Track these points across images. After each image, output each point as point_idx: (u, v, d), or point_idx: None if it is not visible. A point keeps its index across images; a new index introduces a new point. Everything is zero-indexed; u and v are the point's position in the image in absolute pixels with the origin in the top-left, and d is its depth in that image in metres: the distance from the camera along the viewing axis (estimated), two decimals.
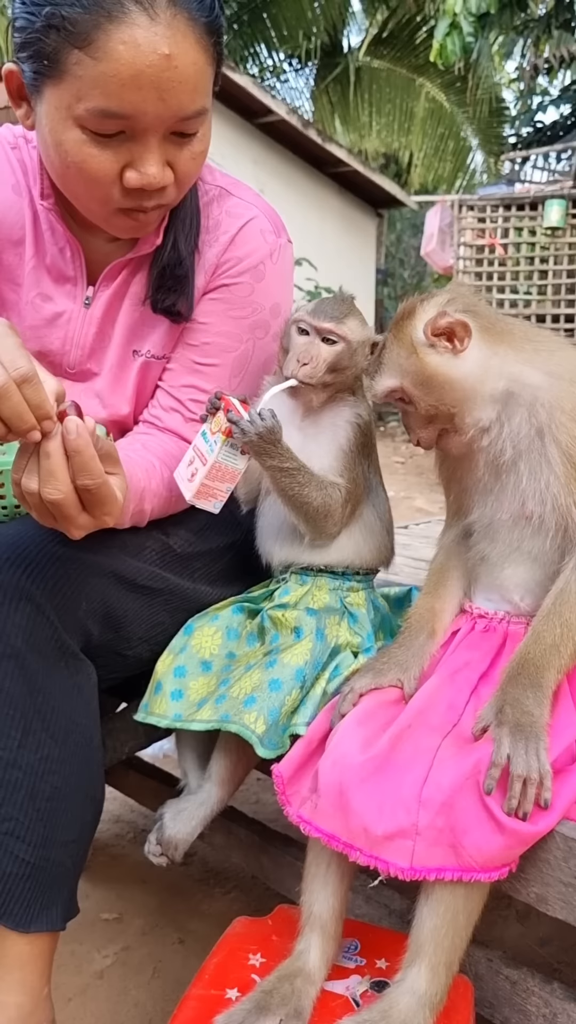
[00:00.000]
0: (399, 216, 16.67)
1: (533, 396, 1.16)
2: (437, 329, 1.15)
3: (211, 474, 1.26)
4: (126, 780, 1.85)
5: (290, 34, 13.42)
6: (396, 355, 1.19)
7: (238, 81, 8.68)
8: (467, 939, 1.08)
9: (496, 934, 1.74)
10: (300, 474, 1.30)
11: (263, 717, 1.24)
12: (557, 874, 1.06)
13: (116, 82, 1.13)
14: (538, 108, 14.98)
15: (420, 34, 13.37)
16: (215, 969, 1.18)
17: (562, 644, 1.10)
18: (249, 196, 1.51)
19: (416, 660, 1.23)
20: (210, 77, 1.23)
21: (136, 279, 1.47)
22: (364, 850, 1.05)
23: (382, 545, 1.43)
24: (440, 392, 1.17)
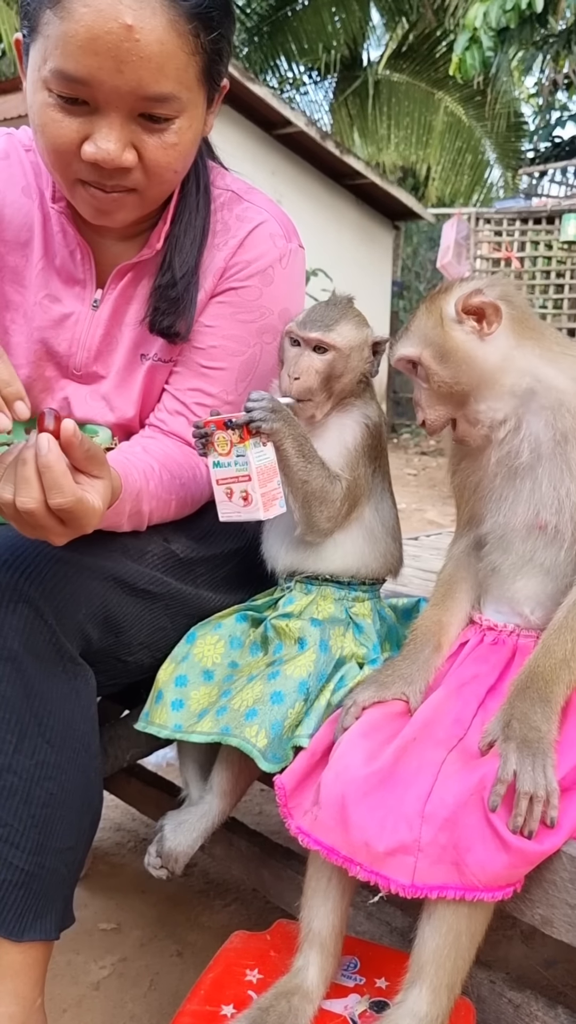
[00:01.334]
0: (415, 229, 16.70)
1: (558, 400, 1.14)
2: (468, 307, 1.15)
3: (261, 481, 1.24)
4: (128, 788, 1.83)
5: (310, 47, 13.51)
6: (423, 324, 1.19)
7: (257, 92, 8.71)
8: (470, 960, 1.05)
9: (500, 955, 1.70)
10: (307, 444, 1.29)
11: (265, 730, 1.21)
12: (563, 896, 1.03)
13: (74, 43, 1.13)
14: (556, 123, 14.98)
15: (440, 48, 13.44)
16: (211, 984, 1.16)
17: (572, 659, 1.07)
18: (260, 200, 1.50)
19: (421, 674, 1.21)
20: (184, 65, 1.20)
21: (143, 283, 1.46)
22: (364, 865, 1.03)
23: (388, 553, 1.40)
24: (456, 370, 1.16)
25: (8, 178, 1.46)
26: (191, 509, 1.48)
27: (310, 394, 1.30)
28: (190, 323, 1.44)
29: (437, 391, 1.18)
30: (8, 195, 1.46)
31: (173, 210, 1.42)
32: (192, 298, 1.43)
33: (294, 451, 1.27)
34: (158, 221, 1.43)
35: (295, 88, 14.77)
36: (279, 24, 13.27)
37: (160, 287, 1.42)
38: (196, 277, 1.43)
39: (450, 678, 1.21)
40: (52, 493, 1.03)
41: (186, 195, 1.43)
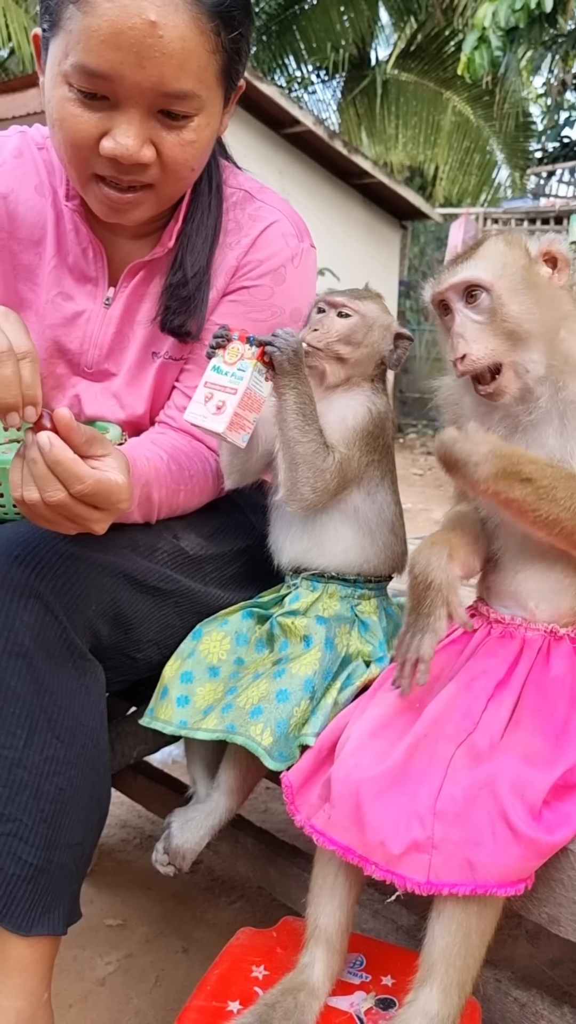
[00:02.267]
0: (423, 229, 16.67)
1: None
2: (551, 251, 1.13)
3: (243, 403, 1.23)
4: (134, 785, 1.83)
5: (318, 46, 13.51)
6: (503, 252, 1.12)
7: (265, 91, 8.70)
8: (480, 959, 1.05)
9: (506, 954, 1.70)
10: (310, 406, 1.29)
11: (270, 729, 1.22)
12: (571, 894, 1.03)
13: (97, 38, 1.13)
14: (565, 123, 14.96)
15: (448, 47, 13.43)
16: (217, 980, 1.16)
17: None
18: (273, 200, 1.51)
19: (451, 589, 1.12)
20: (205, 63, 1.21)
21: (155, 281, 1.46)
22: (380, 864, 1.02)
23: (388, 547, 1.40)
24: (532, 307, 1.10)
25: (21, 176, 1.47)
26: (199, 501, 1.48)
27: (324, 345, 1.33)
28: (201, 323, 1.44)
29: (500, 326, 1.10)
30: (21, 193, 1.47)
31: (185, 209, 1.42)
32: (204, 298, 1.44)
33: (295, 406, 1.28)
34: (170, 220, 1.44)
35: (303, 87, 14.77)
36: (287, 23, 13.27)
37: (171, 286, 1.43)
38: (208, 276, 1.44)
39: (461, 674, 1.20)
40: (71, 483, 1.04)
41: (199, 194, 1.43)
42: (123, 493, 1.10)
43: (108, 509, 1.10)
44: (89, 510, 1.08)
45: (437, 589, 1.12)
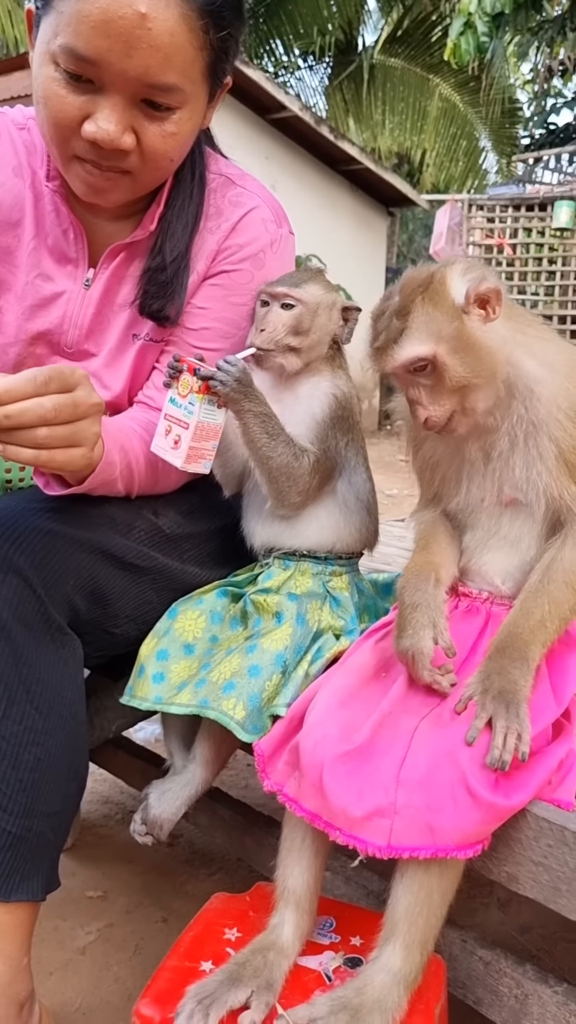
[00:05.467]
0: (411, 216, 16.67)
1: (529, 388, 1.17)
2: (479, 295, 1.12)
3: (196, 435, 1.28)
4: (115, 760, 1.87)
5: (305, 31, 13.44)
6: (432, 319, 1.12)
7: (251, 76, 8.67)
8: (442, 918, 1.09)
9: (477, 921, 1.75)
10: (271, 422, 1.32)
11: (242, 703, 1.25)
12: (528, 853, 1.07)
13: (87, 23, 1.15)
14: (551, 110, 14.95)
15: (435, 33, 13.41)
16: (191, 942, 1.20)
17: (548, 620, 1.12)
18: (253, 186, 1.53)
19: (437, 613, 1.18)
20: (192, 59, 1.23)
21: (135, 264, 1.48)
22: (344, 830, 1.06)
23: (362, 526, 1.43)
24: (476, 362, 1.12)
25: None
26: (179, 480, 1.52)
27: (274, 344, 1.35)
28: (180, 308, 1.47)
29: (449, 386, 1.13)
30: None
31: (167, 193, 1.44)
32: (182, 283, 1.46)
33: (258, 428, 1.31)
34: (152, 203, 1.46)
35: (290, 72, 14.70)
36: (275, 7, 13.19)
37: (150, 271, 1.45)
38: (187, 262, 1.46)
39: None
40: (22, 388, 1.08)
41: (181, 181, 1.45)
42: (82, 379, 1.13)
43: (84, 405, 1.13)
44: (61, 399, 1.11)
45: (424, 615, 1.17)
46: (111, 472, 1.35)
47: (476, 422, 1.18)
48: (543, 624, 1.12)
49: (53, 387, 1.10)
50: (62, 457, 1.16)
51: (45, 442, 1.11)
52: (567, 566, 1.15)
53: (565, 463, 1.16)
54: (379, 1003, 1.02)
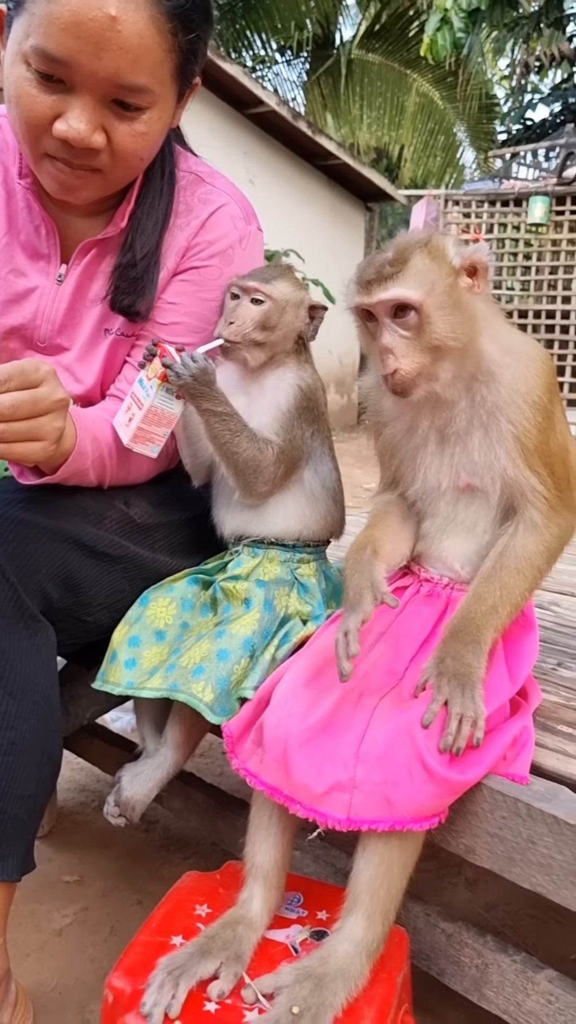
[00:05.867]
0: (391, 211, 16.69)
1: (491, 371, 1.20)
2: (474, 262, 1.15)
3: (147, 418, 1.32)
4: (91, 748, 1.90)
5: (283, 25, 13.41)
6: (429, 270, 1.13)
7: (228, 70, 8.66)
8: (402, 889, 1.13)
9: (445, 899, 1.79)
10: (232, 420, 1.36)
11: (211, 686, 1.29)
12: (484, 825, 1.11)
13: (58, 25, 1.18)
14: (527, 106, 15.05)
15: (412, 28, 13.43)
16: (162, 918, 1.23)
17: (500, 605, 1.16)
18: (222, 184, 1.56)
19: (375, 574, 1.20)
20: (161, 60, 1.26)
21: (106, 260, 1.51)
22: (304, 803, 1.10)
23: (328, 514, 1.47)
24: (458, 324, 1.14)
25: None
26: (150, 471, 1.55)
27: (241, 337, 1.38)
28: (150, 303, 1.50)
29: (426, 343, 1.14)
30: None
31: (138, 191, 1.47)
32: (152, 279, 1.49)
33: (220, 425, 1.35)
34: (123, 200, 1.48)
35: (268, 67, 14.69)
36: (253, 1, 13.16)
37: (121, 267, 1.48)
38: (157, 259, 1.49)
39: (389, 632, 1.29)
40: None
41: (151, 178, 1.48)
42: (38, 367, 1.17)
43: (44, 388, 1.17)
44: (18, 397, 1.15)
45: (362, 580, 1.20)
46: (83, 462, 1.38)
47: (436, 392, 1.19)
48: (495, 609, 1.16)
49: (12, 385, 1.14)
50: (21, 450, 1.20)
51: (2, 436, 1.15)
52: (519, 552, 1.20)
53: (521, 447, 1.20)
54: (342, 971, 1.06)
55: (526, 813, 1.07)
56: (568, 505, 1.23)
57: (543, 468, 1.20)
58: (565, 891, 1.04)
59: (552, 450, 1.21)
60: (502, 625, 1.18)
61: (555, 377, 1.26)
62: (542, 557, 1.21)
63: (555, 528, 1.22)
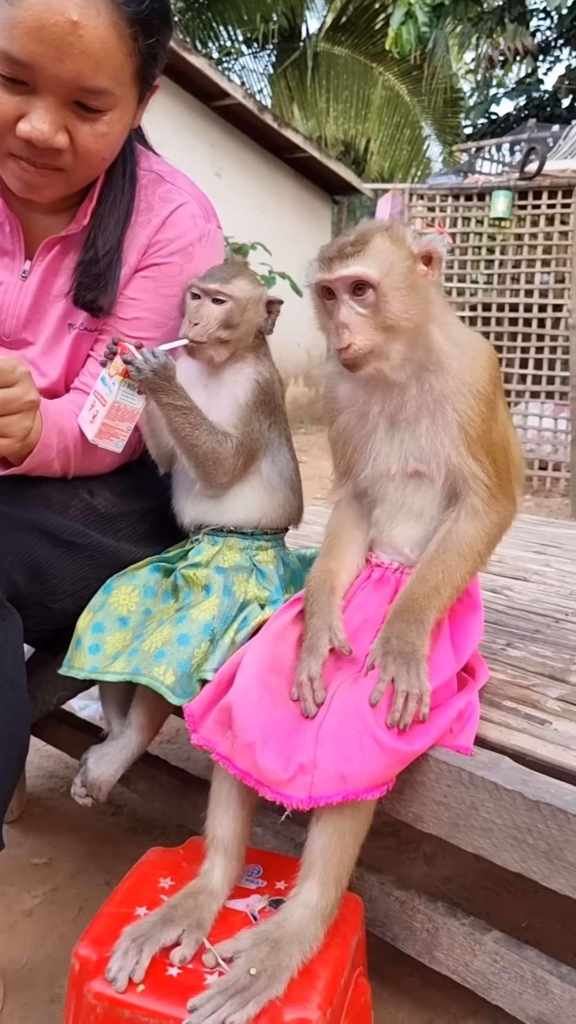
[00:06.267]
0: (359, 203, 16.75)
1: (440, 361, 1.26)
2: (430, 250, 1.22)
3: (111, 414, 1.37)
4: (59, 735, 1.94)
5: (249, 17, 13.38)
6: (388, 250, 1.20)
7: (194, 63, 8.65)
8: (355, 856, 1.19)
9: (404, 874, 1.86)
10: (192, 414, 1.41)
11: (172, 669, 1.34)
12: (431, 794, 1.18)
13: (21, 29, 1.22)
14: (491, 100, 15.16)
15: (377, 21, 13.46)
16: (127, 891, 1.28)
17: (442, 587, 1.23)
18: (182, 183, 1.61)
19: (333, 618, 1.30)
20: (122, 64, 1.31)
21: (70, 256, 1.55)
22: (272, 787, 1.16)
23: (286, 502, 1.53)
24: (412, 306, 1.20)
25: None
26: (114, 462, 1.59)
27: (206, 337, 1.43)
28: (113, 299, 1.54)
29: (381, 322, 1.19)
30: None
31: (99, 189, 1.51)
32: (115, 275, 1.53)
33: (180, 419, 1.41)
34: (85, 198, 1.52)
35: (234, 59, 14.66)
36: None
37: (84, 263, 1.52)
38: (119, 255, 1.53)
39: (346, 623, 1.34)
40: None
41: (113, 177, 1.52)
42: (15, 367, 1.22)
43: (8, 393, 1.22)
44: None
45: (321, 623, 1.28)
46: (47, 454, 1.43)
47: (384, 372, 1.25)
48: (437, 591, 1.23)
49: None
50: None
51: None
52: (460, 537, 1.26)
53: (465, 435, 1.26)
54: (298, 935, 1.12)
55: (469, 781, 1.13)
56: (507, 494, 1.30)
57: (485, 456, 1.26)
58: (505, 853, 1.11)
59: (494, 440, 1.28)
60: (444, 606, 1.24)
61: (499, 371, 1.33)
62: (482, 542, 1.28)
63: (495, 515, 1.28)
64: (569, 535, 2.83)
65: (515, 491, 1.34)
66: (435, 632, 1.24)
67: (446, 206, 7.62)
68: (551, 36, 13.83)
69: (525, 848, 1.09)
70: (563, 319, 7.05)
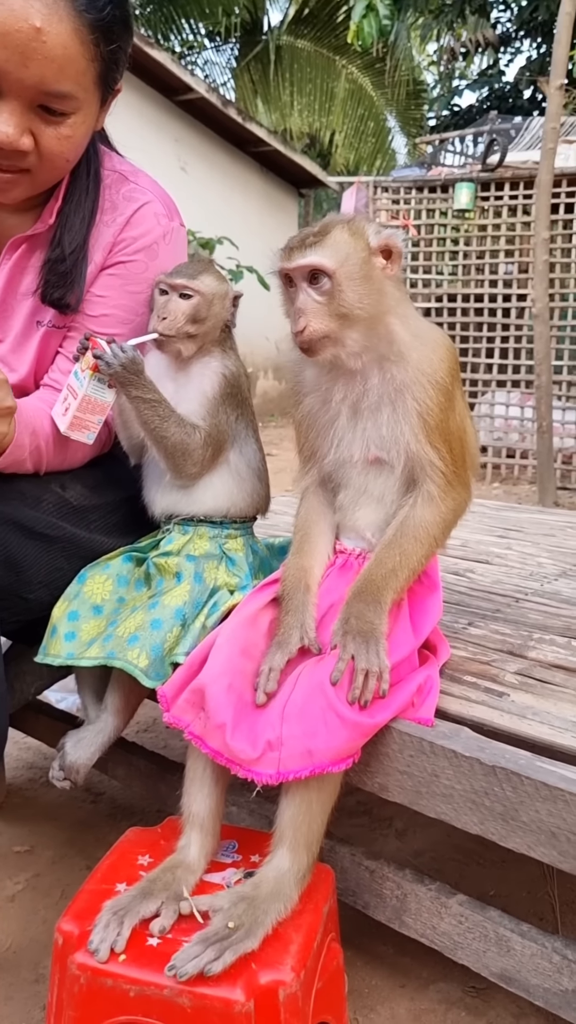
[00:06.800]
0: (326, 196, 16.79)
1: (401, 352, 1.32)
2: (388, 244, 1.28)
3: (82, 407, 1.43)
4: (38, 725, 1.99)
5: (211, 11, 13.36)
6: (345, 242, 1.26)
7: (156, 57, 8.64)
8: (323, 823, 1.25)
9: (376, 849, 1.92)
10: (161, 407, 1.46)
11: (146, 653, 1.39)
12: (395, 764, 1.24)
13: None
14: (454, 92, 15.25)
15: (339, 14, 13.50)
16: (107, 869, 1.33)
17: (399, 569, 1.28)
18: (145, 182, 1.65)
19: (306, 617, 1.34)
20: (84, 69, 1.35)
21: (36, 255, 1.59)
22: (244, 766, 1.21)
23: (255, 492, 1.59)
24: (366, 296, 1.26)
25: None
26: (83, 455, 1.64)
27: (174, 331, 1.48)
28: (80, 296, 1.58)
29: (335, 309, 1.25)
30: None
31: (64, 189, 1.55)
32: (81, 273, 1.57)
33: (149, 412, 1.45)
34: (50, 198, 1.56)
35: (197, 53, 14.63)
36: None
37: (50, 261, 1.56)
38: (85, 253, 1.57)
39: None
40: None
41: (77, 177, 1.56)
42: None
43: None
44: None
45: (294, 620, 1.32)
46: (20, 454, 1.47)
47: (341, 357, 1.30)
48: (394, 573, 1.29)
49: None
50: None
51: None
52: (417, 523, 1.32)
53: (424, 424, 1.32)
54: (273, 894, 1.18)
55: (430, 750, 1.19)
56: (463, 481, 1.36)
57: (442, 445, 1.32)
58: (464, 816, 1.17)
59: (451, 429, 1.34)
60: (401, 587, 1.30)
61: (458, 363, 1.39)
62: (438, 527, 1.33)
63: (450, 501, 1.34)
64: (531, 519, 2.91)
65: (470, 479, 1.40)
66: (394, 611, 1.30)
67: (410, 198, 7.69)
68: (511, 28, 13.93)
69: (483, 811, 1.15)
70: (527, 308, 7.15)
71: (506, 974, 1.23)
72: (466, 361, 7.39)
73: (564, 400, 7.11)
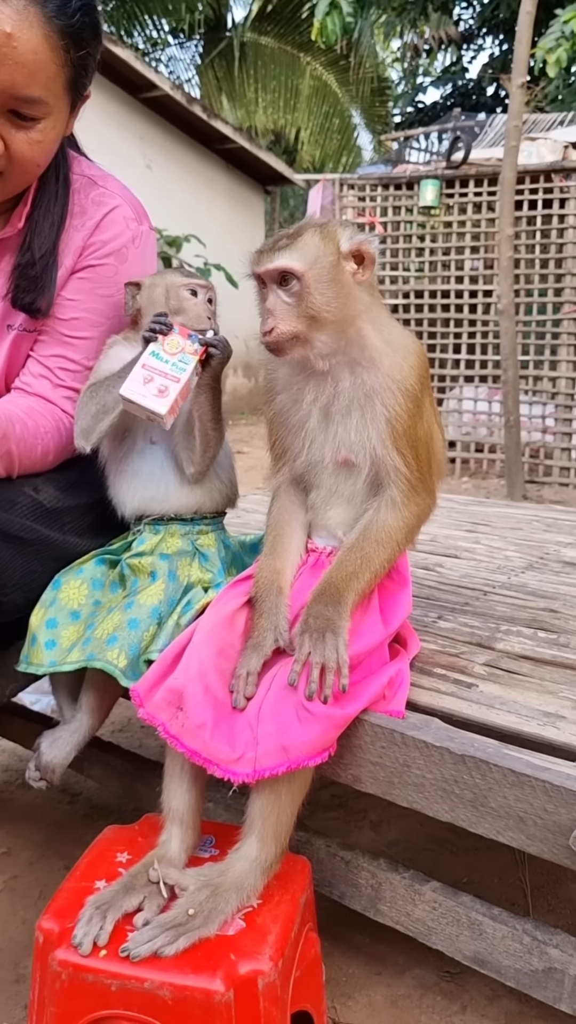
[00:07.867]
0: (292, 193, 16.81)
1: (373, 358, 1.34)
2: (360, 250, 1.30)
3: (183, 391, 1.42)
4: (11, 726, 1.99)
5: (174, 7, 13.31)
6: (316, 247, 1.28)
7: (120, 54, 8.60)
8: (293, 814, 1.28)
9: (352, 841, 1.95)
10: (219, 402, 1.53)
11: (125, 652, 1.41)
12: (367, 755, 1.27)
13: None
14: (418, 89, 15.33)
15: (303, 11, 13.51)
16: (86, 867, 1.34)
17: (360, 572, 1.31)
18: (114, 186, 1.66)
19: (280, 619, 1.36)
20: (54, 75, 1.37)
21: (6, 259, 1.60)
22: (221, 766, 1.23)
23: (223, 487, 1.62)
24: (334, 300, 1.28)
25: None
26: (55, 458, 1.64)
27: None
28: (50, 300, 1.59)
29: (303, 311, 1.28)
30: None
31: (33, 194, 1.56)
32: (51, 277, 1.58)
33: (214, 403, 1.51)
34: (19, 203, 1.57)
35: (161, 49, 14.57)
36: None
37: (20, 266, 1.57)
38: (55, 258, 1.58)
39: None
40: None
41: (46, 182, 1.57)
42: None
43: None
44: None
45: (267, 623, 1.34)
46: None
47: (310, 359, 1.32)
48: (356, 575, 1.31)
49: None
50: None
51: None
52: (380, 527, 1.35)
53: (392, 430, 1.35)
54: (237, 884, 1.21)
55: (401, 741, 1.22)
56: (427, 487, 1.39)
57: (408, 451, 1.35)
58: (435, 804, 1.20)
59: (418, 435, 1.37)
60: (363, 589, 1.32)
61: (428, 370, 1.42)
62: (401, 532, 1.36)
63: (413, 507, 1.37)
64: (499, 513, 2.96)
65: (435, 485, 1.43)
66: (364, 605, 1.32)
67: (376, 195, 7.73)
68: (474, 25, 14.04)
69: (453, 798, 1.19)
70: (493, 304, 7.22)
71: (479, 957, 1.26)
72: (434, 357, 7.44)
73: (531, 395, 7.19)
